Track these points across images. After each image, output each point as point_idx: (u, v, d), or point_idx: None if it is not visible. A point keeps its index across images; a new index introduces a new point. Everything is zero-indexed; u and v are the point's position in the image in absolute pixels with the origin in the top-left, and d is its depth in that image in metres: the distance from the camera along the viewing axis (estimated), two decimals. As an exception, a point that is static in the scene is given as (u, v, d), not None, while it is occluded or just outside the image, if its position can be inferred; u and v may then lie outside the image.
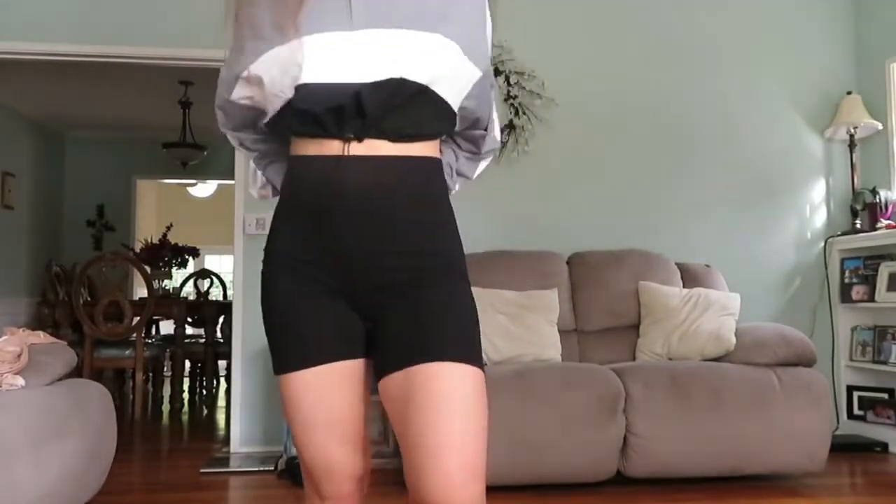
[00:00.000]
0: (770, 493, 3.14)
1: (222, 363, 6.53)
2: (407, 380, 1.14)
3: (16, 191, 7.14)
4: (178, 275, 7.55)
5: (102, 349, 5.19)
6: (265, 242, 1.28)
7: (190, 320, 6.29)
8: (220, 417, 5.56)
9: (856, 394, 4.19)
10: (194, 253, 6.48)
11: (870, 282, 4.12)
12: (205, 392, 6.65)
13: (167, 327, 6.69)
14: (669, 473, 3.19)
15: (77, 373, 3.79)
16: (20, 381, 2.29)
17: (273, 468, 3.57)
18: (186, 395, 6.57)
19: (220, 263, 10.25)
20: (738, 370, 3.30)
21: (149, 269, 5.46)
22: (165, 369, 6.54)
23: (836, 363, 4.25)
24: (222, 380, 6.97)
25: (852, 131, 4.27)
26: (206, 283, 7.25)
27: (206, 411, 5.99)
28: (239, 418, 4.01)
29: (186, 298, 6.44)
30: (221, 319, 6.35)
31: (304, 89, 1.14)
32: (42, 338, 2.62)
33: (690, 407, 3.16)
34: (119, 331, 5.10)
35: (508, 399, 3.10)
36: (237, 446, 3.99)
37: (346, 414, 1.24)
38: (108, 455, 2.78)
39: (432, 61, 1.16)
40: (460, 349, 1.15)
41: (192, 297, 6.97)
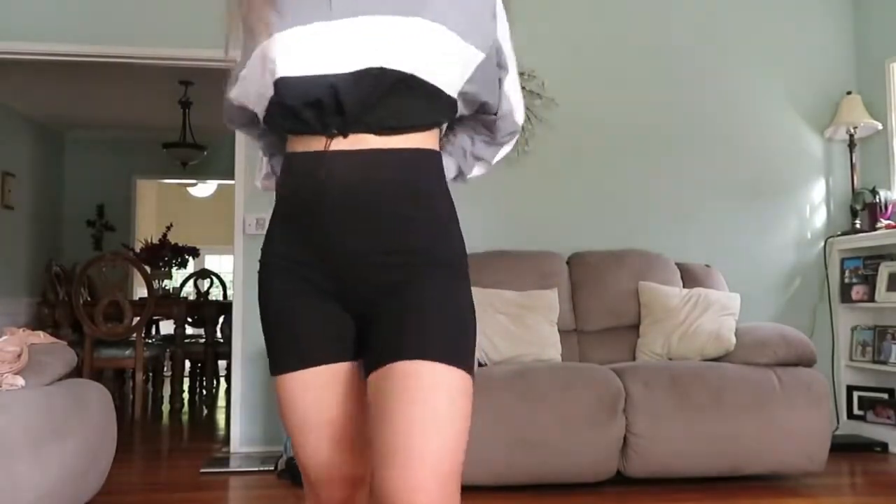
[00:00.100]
0: (770, 493, 3.14)
1: (222, 363, 6.53)
2: (384, 378, 1.09)
3: (16, 191, 7.14)
4: (178, 275, 7.54)
5: (102, 349, 5.20)
6: (262, 243, 1.27)
7: (190, 320, 6.29)
8: (220, 417, 5.56)
9: (856, 394, 4.19)
10: (194, 253, 6.48)
11: (870, 282, 4.12)
12: (205, 392, 6.65)
13: (167, 327, 6.69)
14: (669, 473, 3.19)
15: (77, 373, 3.79)
16: (20, 381, 2.29)
17: (273, 468, 3.57)
18: (186, 395, 6.57)
19: (220, 263, 10.23)
20: (738, 370, 3.30)
21: (149, 269, 5.46)
22: (165, 369, 6.54)
23: (836, 363, 4.25)
24: (222, 380, 6.97)
25: (852, 131, 4.27)
26: (206, 283, 7.26)
27: (206, 411, 5.99)
28: (239, 418, 4.01)
29: (186, 298, 6.44)
30: (221, 319, 6.34)
31: (281, 83, 1.11)
32: (42, 338, 2.62)
33: (690, 407, 3.16)
34: (119, 331, 5.10)
35: (508, 399, 3.10)
36: (237, 446, 3.99)
37: (340, 416, 1.20)
38: (108, 455, 2.78)
39: (416, 47, 1.10)
40: (442, 350, 1.09)
41: (192, 297, 6.97)
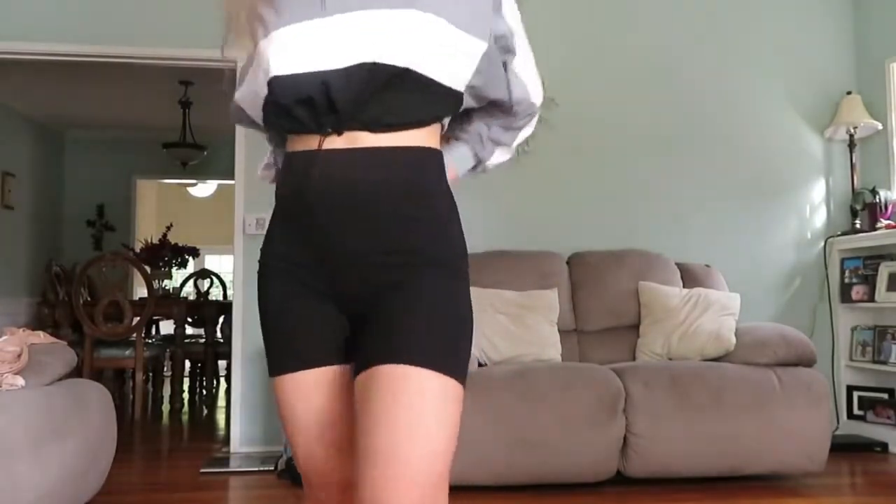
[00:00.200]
0: (770, 493, 3.14)
1: (222, 363, 6.53)
2: (371, 379, 1.06)
3: (16, 191, 7.14)
4: (178, 275, 7.54)
5: (102, 349, 5.20)
6: (262, 243, 1.26)
7: (190, 320, 6.29)
8: (220, 417, 5.56)
9: (856, 394, 4.19)
10: (194, 253, 6.48)
11: (870, 282, 4.12)
12: (205, 392, 6.65)
13: (167, 327, 6.69)
14: (669, 473, 3.19)
15: (77, 373, 3.79)
16: (20, 381, 2.29)
17: (273, 468, 3.57)
18: (186, 395, 6.57)
19: (220, 263, 10.24)
20: (738, 370, 3.30)
21: (149, 269, 5.46)
22: (165, 369, 6.54)
23: (836, 363, 4.25)
24: (222, 380, 6.97)
25: (852, 131, 4.27)
26: (206, 283, 7.26)
27: (206, 411, 5.99)
28: (239, 418, 4.01)
29: (186, 298, 6.44)
30: (221, 319, 6.34)
31: (274, 82, 1.10)
32: (42, 338, 2.62)
33: (690, 407, 3.16)
34: (119, 331, 5.10)
35: (508, 399, 3.10)
36: (237, 446, 3.99)
37: (337, 419, 1.18)
38: (108, 455, 2.78)
39: (410, 40, 1.07)
40: (432, 354, 1.05)
41: (192, 297, 6.97)
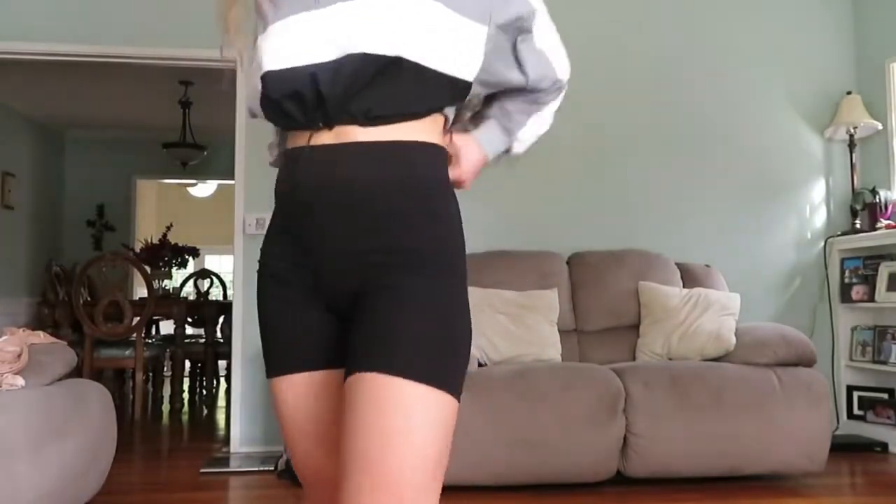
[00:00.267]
0: (770, 493, 3.14)
1: (222, 363, 6.53)
2: (351, 387, 1.00)
3: (16, 191, 7.14)
4: (178, 275, 7.54)
5: (102, 349, 5.19)
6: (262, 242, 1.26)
7: (190, 320, 6.29)
8: (220, 417, 5.55)
9: (856, 394, 4.19)
10: (194, 253, 6.48)
11: (870, 282, 4.12)
12: (205, 392, 6.65)
13: (167, 327, 6.69)
14: (669, 473, 3.19)
15: (77, 373, 3.79)
16: (20, 381, 2.28)
17: (273, 468, 3.56)
18: (186, 395, 6.57)
19: (220, 263, 10.23)
20: (738, 370, 3.30)
21: (149, 269, 5.46)
22: (165, 369, 6.54)
23: (836, 363, 4.24)
24: (222, 380, 6.97)
25: (852, 131, 4.27)
26: (206, 283, 7.26)
27: (206, 411, 5.99)
28: (239, 418, 4.01)
29: (186, 298, 6.44)
30: (221, 319, 6.34)
31: (267, 77, 1.08)
32: (42, 338, 2.62)
33: (690, 407, 3.16)
34: (119, 331, 5.10)
35: (508, 399, 3.10)
36: (237, 446, 3.98)
37: (331, 421, 1.13)
38: (108, 455, 2.78)
39: (402, 27, 1.03)
40: (416, 364, 0.98)
41: (192, 297, 6.97)
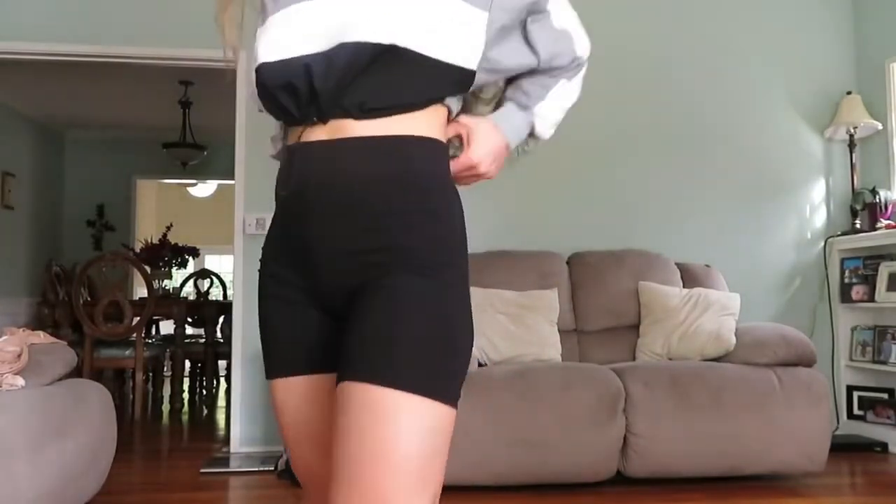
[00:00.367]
0: (770, 493, 3.14)
1: (222, 363, 6.53)
2: (341, 393, 0.97)
3: (16, 191, 7.14)
4: (178, 275, 7.55)
5: (102, 349, 5.20)
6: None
7: (190, 320, 6.29)
8: (220, 417, 5.55)
9: (856, 394, 4.19)
10: (194, 253, 6.48)
11: (870, 282, 4.12)
12: (205, 392, 6.64)
13: (167, 327, 6.69)
14: (669, 473, 3.19)
15: (77, 373, 3.79)
16: (20, 381, 2.28)
17: (273, 468, 3.56)
18: (186, 395, 6.57)
19: (220, 263, 10.24)
20: (738, 370, 3.30)
21: (149, 269, 5.46)
22: (165, 369, 6.55)
23: (836, 363, 4.24)
24: (222, 380, 6.97)
25: (852, 131, 4.27)
26: (206, 283, 7.26)
27: (206, 411, 5.98)
28: (239, 418, 4.01)
29: (186, 298, 6.44)
30: (221, 319, 6.35)
31: (261, 69, 1.05)
32: (42, 338, 2.62)
33: (690, 407, 3.16)
34: (119, 331, 5.10)
35: (508, 399, 3.10)
36: (237, 446, 3.98)
37: (329, 427, 1.08)
38: (108, 455, 2.78)
39: (397, 15, 0.99)
40: (409, 374, 0.94)
41: (192, 297, 6.98)
